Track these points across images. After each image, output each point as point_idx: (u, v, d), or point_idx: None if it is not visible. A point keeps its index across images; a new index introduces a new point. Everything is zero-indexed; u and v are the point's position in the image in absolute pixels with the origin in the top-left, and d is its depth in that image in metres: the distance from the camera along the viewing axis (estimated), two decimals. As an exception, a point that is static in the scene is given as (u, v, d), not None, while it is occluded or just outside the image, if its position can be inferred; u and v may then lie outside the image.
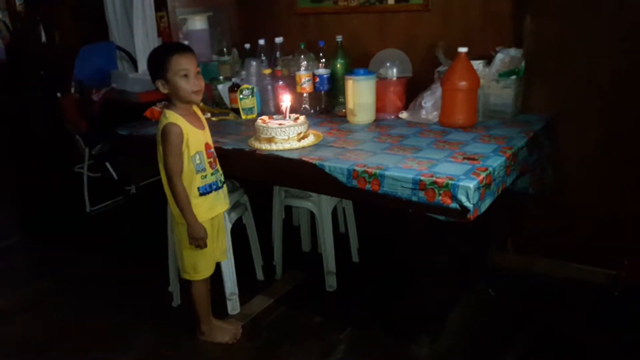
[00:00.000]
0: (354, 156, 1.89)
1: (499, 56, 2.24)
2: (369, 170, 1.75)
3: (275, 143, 2.02)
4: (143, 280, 2.71)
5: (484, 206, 1.67)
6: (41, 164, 3.56)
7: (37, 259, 3.05)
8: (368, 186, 1.76)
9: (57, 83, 3.16)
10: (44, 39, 4.17)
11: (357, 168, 1.77)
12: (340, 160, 1.86)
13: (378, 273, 2.65)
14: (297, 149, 2.01)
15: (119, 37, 3.33)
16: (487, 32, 2.37)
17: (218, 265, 2.24)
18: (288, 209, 2.89)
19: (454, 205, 1.61)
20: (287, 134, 2.02)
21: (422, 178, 1.65)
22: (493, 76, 2.26)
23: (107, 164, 3.20)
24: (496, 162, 1.75)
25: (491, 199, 1.72)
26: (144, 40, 3.18)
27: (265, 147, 2.04)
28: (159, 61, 1.89)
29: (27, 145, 3.63)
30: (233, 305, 2.40)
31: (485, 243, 2.62)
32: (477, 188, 1.60)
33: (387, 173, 1.72)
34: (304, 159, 1.91)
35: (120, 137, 2.51)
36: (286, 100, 2.14)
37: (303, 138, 2.06)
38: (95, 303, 2.56)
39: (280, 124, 2.05)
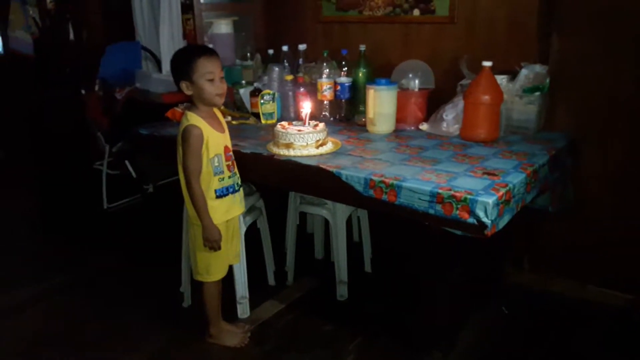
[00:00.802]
0: (372, 166, 1.88)
1: (524, 72, 2.22)
2: (386, 180, 1.74)
3: (294, 149, 2.02)
4: (155, 279, 2.72)
5: (502, 223, 1.65)
6: (62, 159, 3.61)
7: (53, 254, 3.07)
8: (384, 196, 1.74)
9: (82, 80, 3.22)
10: (72, 36, 4.25)
11: (374, 178, 1.76)
12: (357, 169, 1.85)
13: (390, 284, 2.62)
14: (314, 155, 2.01)
15: (145, 37, 3.37)
16: (512, 47, 2.35)
17: (230, 268, 2.25)
18: (303, 215, 2.88)
19: (471, 220, 1.59)
20: (305, 140, 2.02)
21: (440, 191, 1.63)
22: (517, 92, 2.23)
23: (127, 162, 3.23)
24: (516, 179, 1.72)
25: (510, 215, 1.69)
26: (169, 41, 3.21)
27: (283, 152, 2.04)
28: (186, 63, 1.91)
29: (49, 140, 3.69)
30: (243, 309, 2.39)
31: (501, 259, 2.58)
32: (496, 204, 1.57)
33: (404, 184, 1.70)
34: (321, 166, 1.90)
35: (140, 136, 2.54)
36: (306, 107, 2.14)
37: (321, 145, 2.05)
38: (107, 300, 2.58)
39: (299, 130, 2.05)
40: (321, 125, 2.11)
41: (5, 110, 4.03)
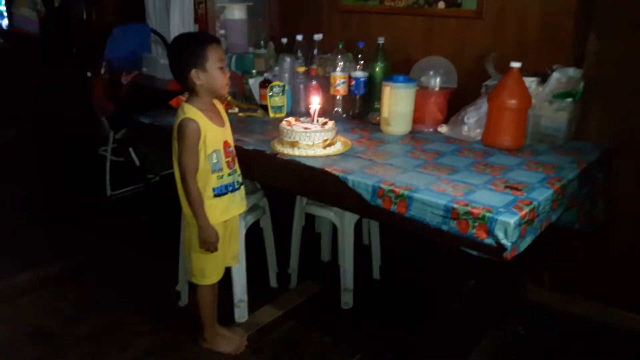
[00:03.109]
0: (382, 171, 1.72)
1: (555, 75, 2.02)
2: (397, 189, 1.57)
3: (299, 148, 1.87)
4: (153, 274, 2.61)
5: (524, 245, 1.48)
6: (67, 142, 3.53)
7: (52, 241, 2.98)
8: (394, 207, 1.58)
9: (89, 62, 3.10)
10: (85, 15, 4.12)
11: (383, 186, 1.60)
12: (366, 174, 1.69)
13: (399, 294, 2.47)
14: (321, 156, 1.85)
15: (156, 20, 3.23)
16: (544, 47, 2.16)
17: (228, 270, 2.12)
18: (311, 214, 2.74)
19: (489, 240, 1.42)
20: (312, 139, 1.86)
21: (456, 206, 1.47)
22: (547, 96, 2.04)
23: (130, 150, 3.12)
24: (542, 196, 1.54)
25: (532, 236, 1.52)
26: (179, 26, 3.07)
27: (287, 151, 1.89)
28: (198, 50, 1.77)
29: (54, 122, 3.61)
30: (241, 313, 2.27)
31: (520, 275, 2.41)
32: (518, 225, 1.40)
33: (416, 195, 1.54)
34: (326, 169, 1.74)
35: (141, 125, 2.41)
36: (315, 102, 1.98)
37: (329, 145, 1.89)
38: (102, 293, 2.48)
39: (305, 128, 1.89)
40: (330, 123, 1.95)
41: (11, 89, 3.94)
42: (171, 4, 3.03)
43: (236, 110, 2.50)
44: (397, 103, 2.12)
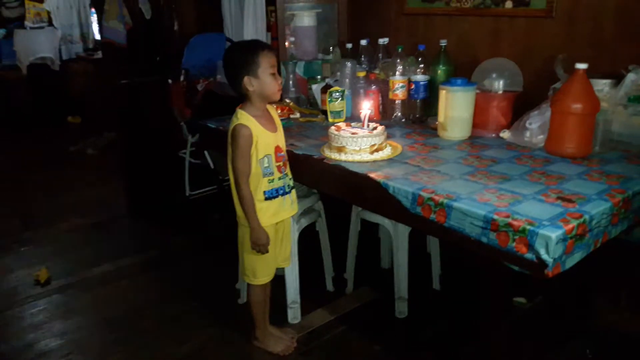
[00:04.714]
0: (426, 178, 1.67)
1: (631, 76, 1.85)
2: (436, 198, 1.52)
3: (345, 153, 1.86)
4: (219, 271, 2.72)
5: (571, 261, 1.36)
6: (154, 145, 3.80)
7: (133, 235, 3.22)
8: (433, 216, 1.53)
9: (170, 70, 3.32)
10: (176, 26, 4.40)
11: (423, 193, 1.55)
12: (408, 181, 1.65)
13: (457, 306, 2.36)
14: (367, 162, 1.83)
15: (232, 29, 3.39)
16: (621, 46, 1.98)
17: (283, 271, 2.16)
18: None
19: (529, 255, 1.33)
20: (358, 144, 1.85)
21: (496, 217, 1.38)
22: (621, 100, 1.87)
23: (206, 153, 3.29)
24: (597, 209, 1.41)
25: (583, 253, 1.39)
26: (253, 34, 3.19)
27: (334, 156, 1.89)
28: (250, 57, 1.83)
29: (143, 126, 3.90)
30: (294, 314, 2.30)
31: (591, 292, 2.22)
32: (562, 239, 1.30)
33: (455, 204, 1.47)
34: (369, 174, 1.72)
35: (208, 130, 2.52)
36: (365, 107, 1.97)
37: (377, 151, 1.87)
38: (171, 287, 2.63)
39: (353, 133, 1.88)
40: (379, 128, 1.92)
41: (111, 96, 4.31)
42: (245, 14, 3.16)
43: (297, 115, 2.54)
44: (453, 107, 2.05)
